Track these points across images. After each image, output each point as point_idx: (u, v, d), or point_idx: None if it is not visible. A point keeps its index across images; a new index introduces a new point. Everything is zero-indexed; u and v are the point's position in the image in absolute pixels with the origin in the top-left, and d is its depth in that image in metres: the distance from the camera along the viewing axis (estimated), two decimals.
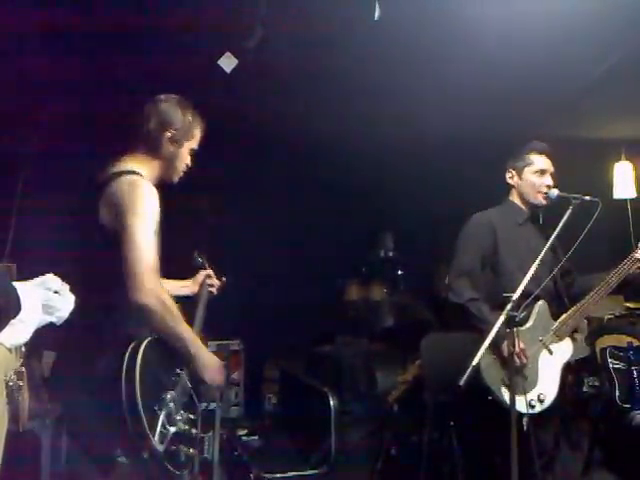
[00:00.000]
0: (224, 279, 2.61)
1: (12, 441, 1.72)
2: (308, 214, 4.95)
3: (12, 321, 1.51)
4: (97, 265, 1.96)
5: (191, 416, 2.07)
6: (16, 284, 1.57)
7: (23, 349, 1.69)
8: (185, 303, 2.43)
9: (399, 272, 5.11)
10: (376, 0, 2.70)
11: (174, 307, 1.99)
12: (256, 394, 4.88)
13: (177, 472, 1.92)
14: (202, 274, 2.55)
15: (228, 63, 3.01)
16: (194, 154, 2.27)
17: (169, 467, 1.89)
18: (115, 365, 1.85)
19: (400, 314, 4.89)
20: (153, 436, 1.83)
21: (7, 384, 1.64)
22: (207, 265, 2.57)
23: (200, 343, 2.10)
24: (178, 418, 1.99)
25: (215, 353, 4.57)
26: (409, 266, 5.11)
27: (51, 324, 1.70)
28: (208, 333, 4.75)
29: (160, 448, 1.86)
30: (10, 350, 1.61)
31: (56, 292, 1.66)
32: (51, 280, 1.67)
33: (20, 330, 1.55)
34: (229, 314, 4.63)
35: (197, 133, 2.24)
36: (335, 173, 4.88)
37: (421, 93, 3.67)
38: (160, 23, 2.85)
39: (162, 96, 2.19)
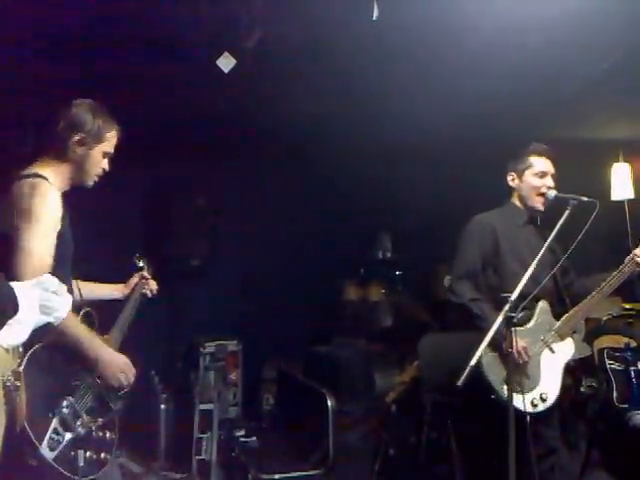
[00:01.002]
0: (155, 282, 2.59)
1: (9, 441, 1.72)
2: (307, 215, 4.95)
3: (9, 321, 1.51)
4: None
5: (99, 420, 2.05)
6: (13, 284, 1.57)
7: (20, 349, 1.68)
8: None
9: (397, 273, 5.11)
10: (374, 0, 2.70)
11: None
12: (254, 395, 4.87)
13: (75, 477, 1.90)
14: (136, 276, 2.55)
15: (226, 63, 3.01)
16: (111, 158, 2.26)
17: (65, 472, 1.88)
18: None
19: (398, 315, 4.89)
20: (40, 443, 1.82)
21: (4, 384, 1.63)
22: (146, 268, 2.56)
23: (100, 343, 2.09)
24: (77, 423, 1.97)
25: (212, 354, 4.58)
26: (407, 267, 5.11)
27: (48, 324, 1.69)
28: (206, 334, 4.79)
29: (49, 455, 1.84)
30: (7, 350, 1.61)
31: (53, 292, 1.66)
32: (48, 280, 1.67)
33: (17, 330, 1.54)
34: (227, 315, 4.63)
35: (110, 137, 2.22)
36: (334, 174, 4.88)
37: (420, 94, 3.67)
38: (159, 24, 2.85)
39: (77, 100, 2.20)
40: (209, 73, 3.08)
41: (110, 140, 2.23)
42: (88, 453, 1.97)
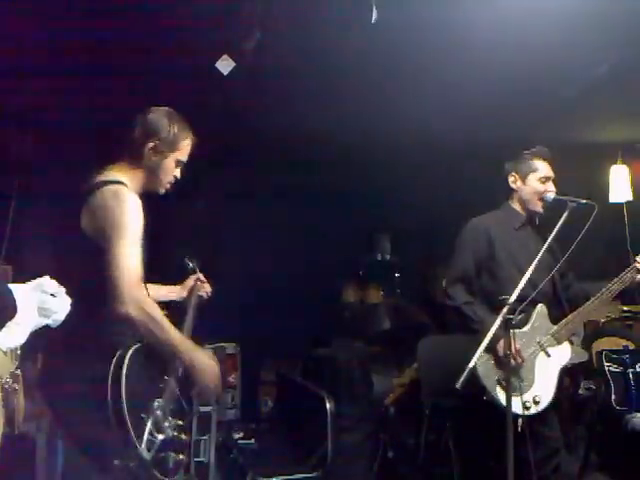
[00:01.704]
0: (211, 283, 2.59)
1: (7, 443, 1.72)
2: (305, 217, 4.95)
3: (8, 323, 1.51)
4: (79, 273, 1.95)
5: (180, 422, 2.07)
6: (12, 286, 1.57)
7: (19, 352, 1.68)
8: (176, 308, 2.43)
9: (396, 275, 5.11)
10: (373, 3, 2.71)
11: (160, 315, 1.99)
12: (252, 397, 4.87)
13: (165, 478, 1.93)
14: (192, 279, 2.55)
15: (225, 66, 3.02)
16: (184, 166, 2.27)
17: (157, 474, 1.90)
18: (100, 374, 1.85)
19: (397, 317, 4.89)
20: (140, 445, 1.85)
21: (2, 387, 1.63)
22: (197, 270, 2.55)
23: (193, 347, 2.10)
24: (166, 425, 1.99)
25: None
26: (406, 269, 5.11)
27: (47, 327, 1.69)
28: (204, 336, 4.76)
29: (147, 456, 1.87)
30: (5, 353, 1.61)
31: (52, 295, 1.66)
32: (47, 283, 1.67)
33: (16, 333, 1.54)
34: (226, 317, 4.62)
35: (184, 145, 2.23)
36: (333, 176, 4.88)
37: (419, 96, 3.67)
38: (157, 26, 2.86)
39: (153, 107, 2.20)
40: (208, 75, 3.08)
41: (184, 148, 2.23)
42: (173, 455, 1.99)
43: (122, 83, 3.31)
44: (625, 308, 4.31)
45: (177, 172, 2.25)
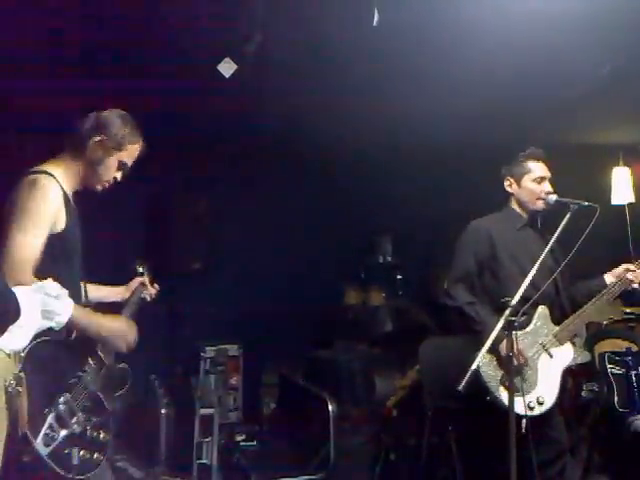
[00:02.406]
0: (156, 286, 2.59)
1: (11, 445, 1.72)
2: (307, 219, 4.95)
3: (11, 326, 1.51)
4: None
5: (94, 419, 2.05)
6: (15, 289, 1.58)
7: (22, 354, 1.68)
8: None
9: (398, 277, 5.11)
10: (375, 6, 2.71)
11: None
12: (255, 399, 4.86)
13: (69, 475, 1.90)
14: (136, 281, 2.54)
15: (227, 68, 3.02)
16: (126, 170, 2.26)
17: (57, 469, 1.87)
18: None
19: (399, 319, 4.89)
20: (35, 438, 1.82)
21: (6, 389, 1.63)
22: (146, 273, 2.56)
23: (99, 319, 2.10)
24: (73, 421, 1.96)
25: (213, 358, 4.57)
26: (408, 271, 5.11)
27: (50, 329, 1.70)
28: (207, 338, 4.78)
29: (44, 450, 1.84)
30: (9, 355, 1.61)
31: (55, 297, 1.66)
32: (50, 285, 1.67)
33: (19, 335, 1.55)
34: (228, 319, 4.63)
35: (131, 148, 2.22)
36: (334, 178, 4.88)
37: (420, 97, 3.67)
38: (159, 29, 2.86)
39: (110, 109, 2.21)
40: (210, 77, 3.09)
41: (131, 151, 2.22)
42: (82, 452, 1.96)
43: (121, 84, 3.31)
44: (627, 310, 4.31)
45: (118, 174, 2.24)
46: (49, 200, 2.03)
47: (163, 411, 4.13)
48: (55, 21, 2.78)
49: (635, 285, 2.81)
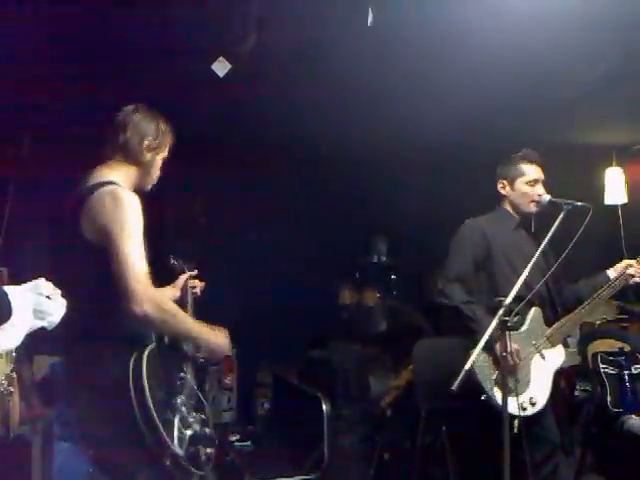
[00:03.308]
0: (204, 280, 2.59)
1: (3, 446, 1.72)
2: (301, 218, 4.95)
3: (3, 326, 1.51)
4: (84, 277, 1.96)
5: (202, 416, 2.11)
6: (7, 288, 1.57)
7: (14, 354, 1.68)
8: None
9: (392, 277, 5.11)
10: (369, 6, 2.71)
11: (174, 308, 2.01)
12: (249, 399, 4.86)
13: (200, 472, 1.97)
14: (182, 278, 2.54)
15: (221, 68, 3.02)
16: (164, 164, 2.28)
17: (192, 469, 1.93)
18: (120, 375, 1.85)
19: (393, 319, 4.89)
20: (172, 442, 1.86)
21: None
22: (186, 268, 2.55)
23: (208, 330, 2.16)
24: (191, 420, 2.02)
25: (207, 358, 4.58)
26: (402, 271, 5.11)
27: (42, 329, 1.69)
28: None
29: (181, 452, 1.89)
30: (1, 355, 1.60)
31: (47, 297, 1.65)
32: (42, 285, 1.66)
33: (11, 335, 1.54)
34: (222, 319, 4.62)
35: (169, 142, 2.25)
36: (329, 178, 4.88)
37: (415, 98, 3.68)
38: (152, 29, 2.86)
39: (131, 106, 2.20)
40: (205, 76, 3.08)
41: (168, 147, 2.25)
42: (202, 448, 2.02)
43: (119, 85, 3.31)
44: (624, 304, 4.31)
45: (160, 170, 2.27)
46: (138, 210, 2.02)
47: None
48: (54, 20, 2.77)
49: (637, 279, 2.82)
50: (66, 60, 3.09)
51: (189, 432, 1.97)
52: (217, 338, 2.19)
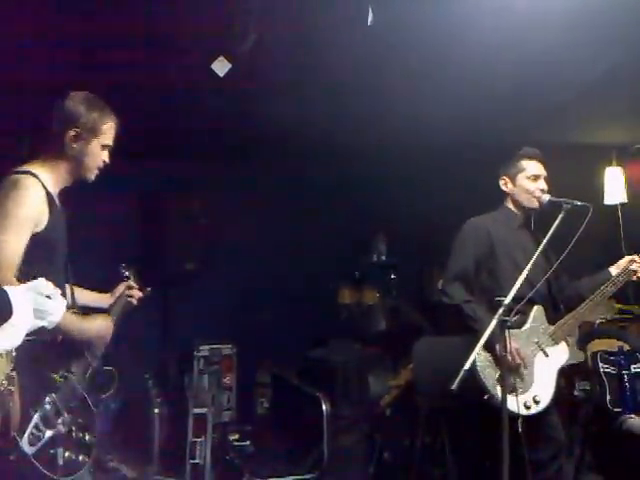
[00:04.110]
0: (148, 289, 2.56)
1: (3, 446, 1.71)
2: (301, 218, 4.95)
3: (3, 325, 1.51)
4: None
5: (79, 420, 2.04)
6: (7, 288, 1.57)
7: (14, 354, 1.67)
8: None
9: (392, 276, 5.11)
10: (369, 5, 2.71)
11: None
12: (248, 398, 4.86)
13: (54, 475, 1.89)
14: (122, 285, 2.51)
15: (221, 67, 3.02)
16: (111, 149, 2.21)
17: (43, 470, 1.87)
18: None
19: (393, 318, 4.89)
20: (21, 438, 1.81)
21: None
22: (132, 277, 2.54)
23: (82, 323, 2.10)
24: (58, 421, 1.95)
25: (207, 357, 4.57)
26: (402, 270, 5.11)
27: (42, 328, 1.69)
28: (201, 338, 4.78)
29: (29, 450, 1.83)
30: (1, 354, 1.60)
31: (48, 296, 1.65)
32: (42, 284, 1.66)
33: (11, 334, 1.54)
34: (221, 318, 4.62)
35: (107, 128, 2.17)
36: (328, 177, 4.88)
37: (415, 98, 3.68)
38: (153, 28, 2.85)
39: (71, 93, 2.15)
40: (205, 76, 3.08)
41: (107, 132, 2.18)
42: (67, 453, 1.96)
43: (117, 84, 3.30)
44: (622, 307, 4.31)
45: (105, 156, 2.20)
46: (30, 201, 1.99)
47: (156, 410, 4.13)
48: (53, 20, 2.77)
49: None
50: (65, 60, 3.08)
51: (49, 432, 1.90)
52: (90, 324, 2.13)
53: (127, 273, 2.55)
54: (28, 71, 3.12)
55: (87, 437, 2.06)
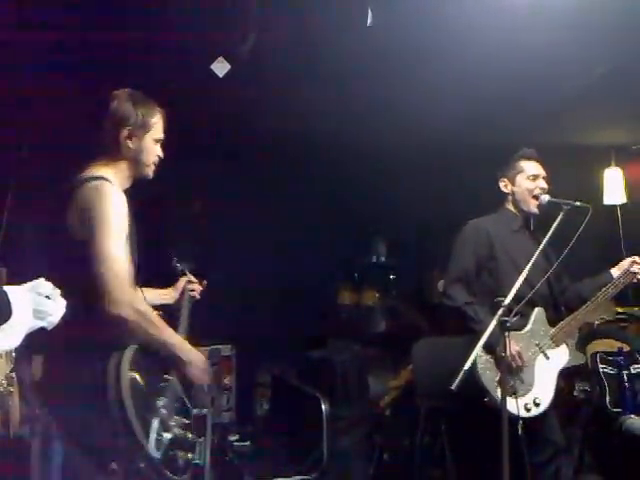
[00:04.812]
0: (205, 282, 2.58)
1: (2, 446, 1.71)
2: (301, 219, 4.95)
3: (2, 326, 1.51)
4: (71, 273, 1.91)
5: (185, 421, 2.07)
6: (6, 288, 1.56)
7: (13, 354, 1.68)
8: (169, 311, 2.43)
9: (391, 277, 5.12)
10: (369, 6, 2.71)
11: (153, 315, 1.99)
12: (248, 399, 4.86)
13: (176, 477, 1.92)
14: (182, 280, 2.53)
15: (221, 68, 3.02)
16: (164, 143, 2.21)
17: (168, 473, 1.89)
18: (99, 374, 1.84)
19: (392, 319, 4.90)
20: (148, 443, 1.83)
21: None
22: (187, 271, 2.54)
23: (186, 345, 2.12)
24: (172, 424, 1.98)
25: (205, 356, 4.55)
26: (401, 271, 5.11)
27: (42, 329, 1.69)
28: (199, 338, 4.75)
29: (157, 455, 1.86)
30: (0, 355, 1.60)
31: (47, 297, 1.65)
32: (42, 285, 1.66)
33: (10, 335, 1.54)
34: (220, 319, 4.62)
35: (155, 122, 2.17)
36: (328, 178, 4.88)
37: (414, 99, 3.68)
38: (152, 29, 2.86)
39: (113, 92, 2.15)
40: (205, 77, 3.08)
41: (157, 125, 2.17)
42: (182, 453, 1.99)
43: (115, 84, 3.30)
44: (620, 310, 4.32)
45: (158, 150, 2.20)
46: (122, 207, 1.99)
47: None
48: (50, 18, 2.77)
49: None
50: (66, 61, 3.08)
51: (168, 436, 1.93)
52: (198, 358, 2.13)
53: (181, 267, 2.55)
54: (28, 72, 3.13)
55: (190, 436, 2.07)
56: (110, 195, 1.97)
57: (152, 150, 2.17)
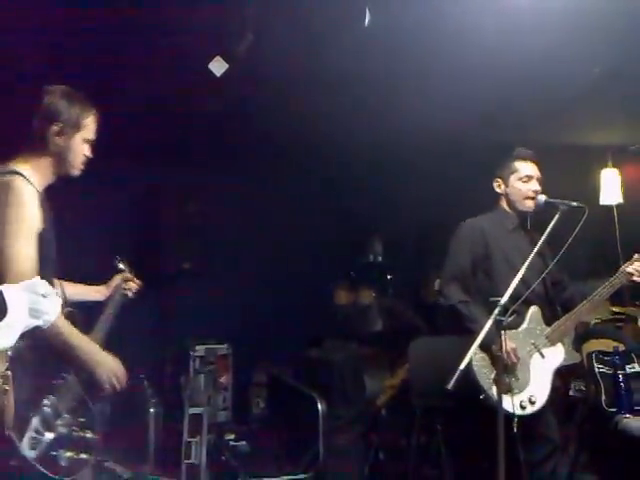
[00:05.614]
0: (138, 281, 2.53)
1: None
2: (298, 219, 4.95)
3: None
4: None
5: (81, 420, 2.03)
6: (1, 287, 1.56)
7: (9, 353, 1.67)
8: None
9: (388, 277, 5.12)
10: (366, 6, 2.71)
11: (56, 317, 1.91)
12: (244, 398, 4.86)
13: (56, 477, 1.88)
14: (117, 278, 2.49)
15: (218, 67, 3.01)
16: (92, 143, 2.17)
17: (46, 472, 1.85)
18: None
19: (389, 318, 4.90)
20: (20, 442, 1.80)
21: None
22: (127, 269, 2.52)
23: (95, 347, 2.07)
24: (58, 423, 1.94)
25: (202, 357, 4.56)
26: (398, 271, 5.12)
27: (37, 328, 1.68)
28: (197, 337, 4.77)
29: (31, 454, 1.82)
30: None
31: (42, 295, 1.65)
32: (38, 284, 1.66)
33: (6, 334, 1.53)
34: (217, 318, 4.62)
35: (88, 122, 2.13)
36: (325, 178, 4.89)
37: (414, 99, 3.68)
38: (151, 28, 2.85)
39: (48, 88, 2.10)
40: (202, 78, 3.08)
41: (89, 126, 2.13)
42: (69, 453, 1.95)
43: (116, 85, 3.30)
44: (615, 309, 4.33)
45: (87, 150, 2.16)
46: (30, 203, 1.94)
47: (152, 410, 4.12)
48: (51, 22, 2.76)
49: (636, 278, 2.81)
50: (64, 60, 3.07)
51: (50, 435, 1.89)
52: (106, 360, 2.07)
53: (121, 265, 2.54)
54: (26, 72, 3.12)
55: (88, 435, 2.04)
56: (19, 191, 1.93)
57: (80, 150, 2.13)
